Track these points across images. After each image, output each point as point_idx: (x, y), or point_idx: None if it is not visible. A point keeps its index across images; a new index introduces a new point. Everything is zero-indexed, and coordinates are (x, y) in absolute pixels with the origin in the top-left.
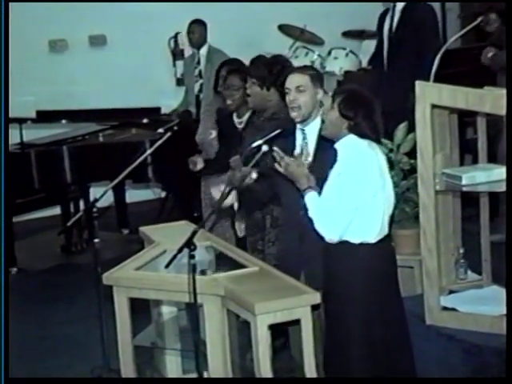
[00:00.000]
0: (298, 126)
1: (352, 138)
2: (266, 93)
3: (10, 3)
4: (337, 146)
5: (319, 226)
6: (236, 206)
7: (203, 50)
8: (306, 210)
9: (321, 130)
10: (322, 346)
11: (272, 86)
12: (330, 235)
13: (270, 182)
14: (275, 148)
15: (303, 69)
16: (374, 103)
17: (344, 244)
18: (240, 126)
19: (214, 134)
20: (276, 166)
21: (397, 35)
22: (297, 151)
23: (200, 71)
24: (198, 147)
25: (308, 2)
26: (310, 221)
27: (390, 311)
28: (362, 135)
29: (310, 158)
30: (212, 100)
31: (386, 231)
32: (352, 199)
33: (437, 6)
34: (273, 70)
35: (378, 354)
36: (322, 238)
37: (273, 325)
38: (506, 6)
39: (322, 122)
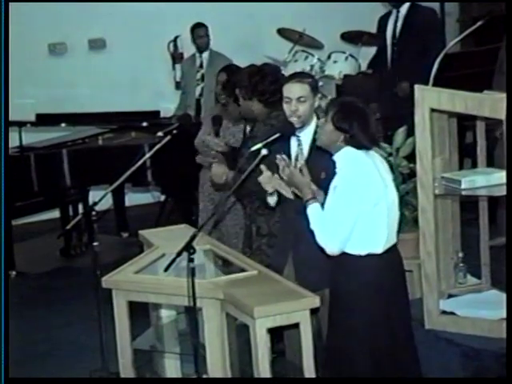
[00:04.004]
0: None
1: (349, 150)
2: (249, 103)
3: (9, 6)
4: (335, 158)
5: (320, 239)
6: (274, 200)
7: (205, 54)
8: (307, 220)
9: (315, 135)
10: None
11: (252, 96)
12: (331, 248)
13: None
14: (280, 156)
15: (302, 77)
16: (367, 113)
17: (350, 256)
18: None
19: (207, 138)
20: (281, 173)
21: (401, 39)
22: (298, 160)
23: (202, 75)
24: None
25: (308, 2)
26: (308, 227)
27: (395, 320)
28: (358, 146)
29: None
30: (213, 106)
31: (393, 240)
32: (350, 212)
33: (436, 9)
34: (251, 81)
35: (383, 364)
36: (323, 250)
37: (273, 329)
38: (506, 7)
39: (315, 132)
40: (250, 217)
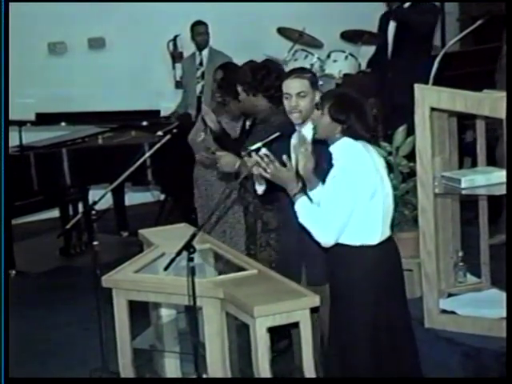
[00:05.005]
0: (296, 128)
1: (346, 140)
2: (253, 98)
3: (9, 6)
4: (331, 149)
5: (313, 231)
6: (262, 188)
7: (205, 52)
8: (296, 215)
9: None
10: (322, 346)
11: (257, 91)
12: (325, 239)
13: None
14: (264, 151)
15: (301, 73)
16: (364, 103)
17: (344, 247)
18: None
19: (202, 136)
20: (261, 171)
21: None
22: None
23: (203, 72)
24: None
25: (308, 1)
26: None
27: (394, 313)
28: (355, 137)
29: None
30: (209, 103)
31: (387, 233)
32: (347, 202)
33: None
34: (257, 76)
35: (382, 358)
36: (317, 242)
37: (276, 327)
38: (506, 7)
39: (314, 127)
40: (254, 214)
